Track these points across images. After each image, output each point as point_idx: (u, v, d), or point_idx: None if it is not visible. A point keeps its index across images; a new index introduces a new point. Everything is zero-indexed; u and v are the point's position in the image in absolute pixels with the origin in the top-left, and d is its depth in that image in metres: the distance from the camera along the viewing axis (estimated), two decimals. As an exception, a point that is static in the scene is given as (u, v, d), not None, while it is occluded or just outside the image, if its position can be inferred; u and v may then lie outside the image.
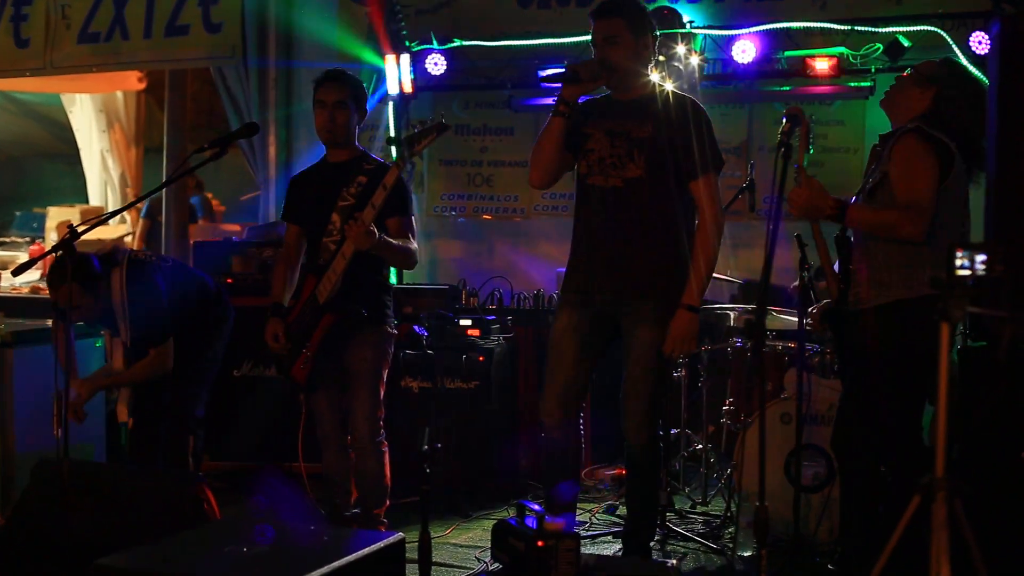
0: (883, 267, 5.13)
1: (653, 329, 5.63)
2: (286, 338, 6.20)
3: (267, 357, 7.19)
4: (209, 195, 13.74)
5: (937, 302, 4.72)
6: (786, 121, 4.77)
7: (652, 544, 6.22)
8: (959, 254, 4.05)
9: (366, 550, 4.57)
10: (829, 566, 5.95)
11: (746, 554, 6.49)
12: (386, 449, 6.29)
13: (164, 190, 10.13)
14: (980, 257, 4.14)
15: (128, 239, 13.23)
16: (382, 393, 6.25)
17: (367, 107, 6.40)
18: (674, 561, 5.82)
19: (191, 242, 10.70)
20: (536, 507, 4.62)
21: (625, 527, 6.08)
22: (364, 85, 6.40)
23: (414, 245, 6.21)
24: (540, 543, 4.49)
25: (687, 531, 6.87)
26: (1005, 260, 4.14)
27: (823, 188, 5.08)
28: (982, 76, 5.76)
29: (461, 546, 6.74)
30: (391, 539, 4.73)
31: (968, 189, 5.15)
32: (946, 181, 4.99)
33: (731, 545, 6.61)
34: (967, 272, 4.09)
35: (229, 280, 8.16)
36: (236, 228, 12.09)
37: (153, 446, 6.79)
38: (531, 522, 4.63)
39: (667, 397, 6.09)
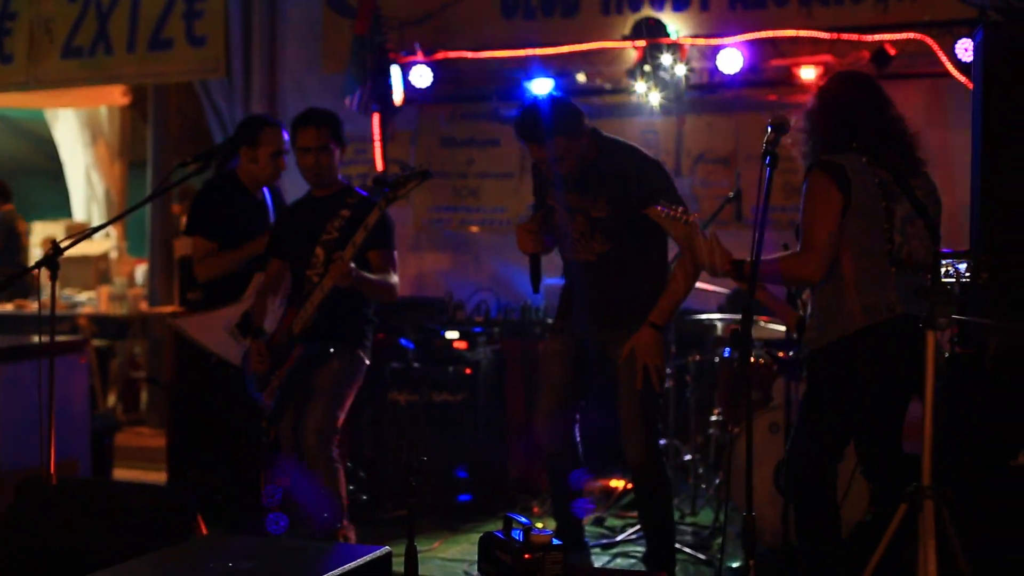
0: (815, 312, 5.09)
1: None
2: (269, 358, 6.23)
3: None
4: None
5: (862, 337, 4.78)
6: (771, 130, 4.74)
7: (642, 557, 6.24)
8: (944, 262, 4.05)
9: (351, 564, 4.52)
10: None
11: (735, 565, 6.48)
12: (339, 466, 6.22)
13: (148, 205, 10.10)
14: (964, 265, 4.14)
15: (113, 255, 13.21)
16: (341, 416, 6.22)
17: (344, 137, 6.40)
18: (664, 574, 5.79)
19: (176, 256, 10.67)
20: (523, 520, 4.58)
21: (645, 552, 6.12)
22: (339, 118, 6.41)
23: (394, 279, 6.27)
24: (527, 556, 4.45)
25: (676, 542, 6.84)
26: (990, 268, 4.13)
27: (723, 250, 5.01)
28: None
29: (449, 560, 6.72)
30: (377, 553, 4.68)
31: (894, 200, 4.90)
32: (849, 209, 4.87)
33: (720, 556, 6.59)
34: (952, 280, 4.09)
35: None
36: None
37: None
38: (518, 535, 4.60)
39: (660, 415, 6.10)
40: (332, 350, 6.17)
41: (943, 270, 4.18)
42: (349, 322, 6.27)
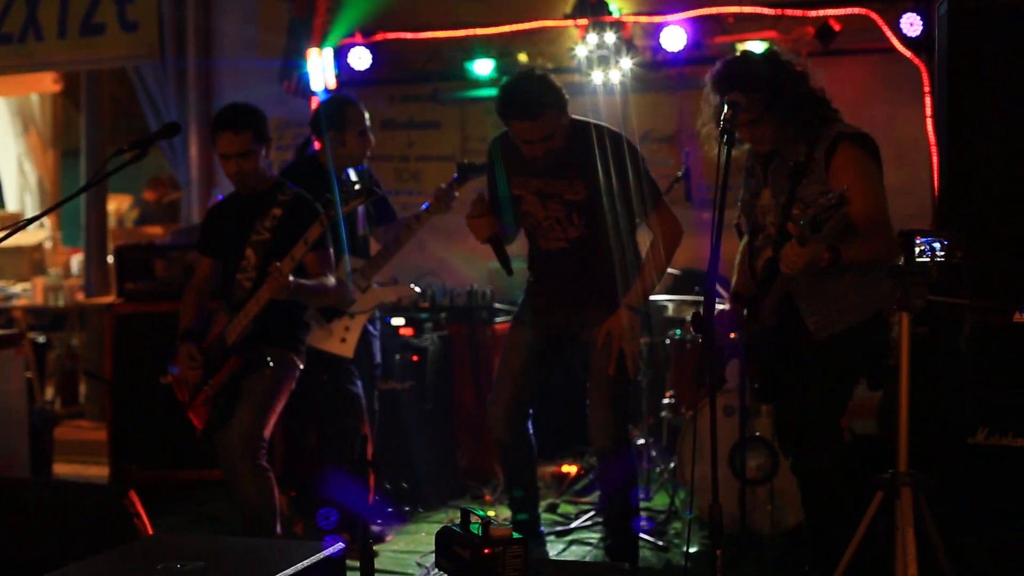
0: (842, 289, 4.96)
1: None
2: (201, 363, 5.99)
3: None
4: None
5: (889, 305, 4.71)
6: (728, 108, 4.64)
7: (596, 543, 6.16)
8: (918, 241, 3.97)
9: (306, 562, 4.42)
10: (807, 568, 5.85)
11: (693, 550, 6.39)
12: (269, 472, 5.93)
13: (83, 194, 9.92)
14: (939, 244, 4.07)
15: (47, 245, 12.99)
16: (270, 421, 5.94)
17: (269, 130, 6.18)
18: (627, 564, 5.69)
19: (111, 246, 10.49)
20: (481, 513, 4.48)
21: (606, 541, 6.04)
22: (261, 112, 6.09)
23: (331, 280, 6.02)
24: (486, 550, 4.35)
25: (631, 528, 6.77)
26: (964, 247, 4.06)
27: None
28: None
29: (401, 552, 6.59)
30: (330, 549, 4.58)
31: None
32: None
33: (676, 541, 6.51)
34: (927, 260, 4.01)
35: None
36: (158, 231, 11.87)
37: None
38: (476, 528, 4.50)
39: (631, 401, 5.99)
40: (270, 361, 5.89)
41: (916, 250, 4.09)
42: (283, 327, 6.04)
